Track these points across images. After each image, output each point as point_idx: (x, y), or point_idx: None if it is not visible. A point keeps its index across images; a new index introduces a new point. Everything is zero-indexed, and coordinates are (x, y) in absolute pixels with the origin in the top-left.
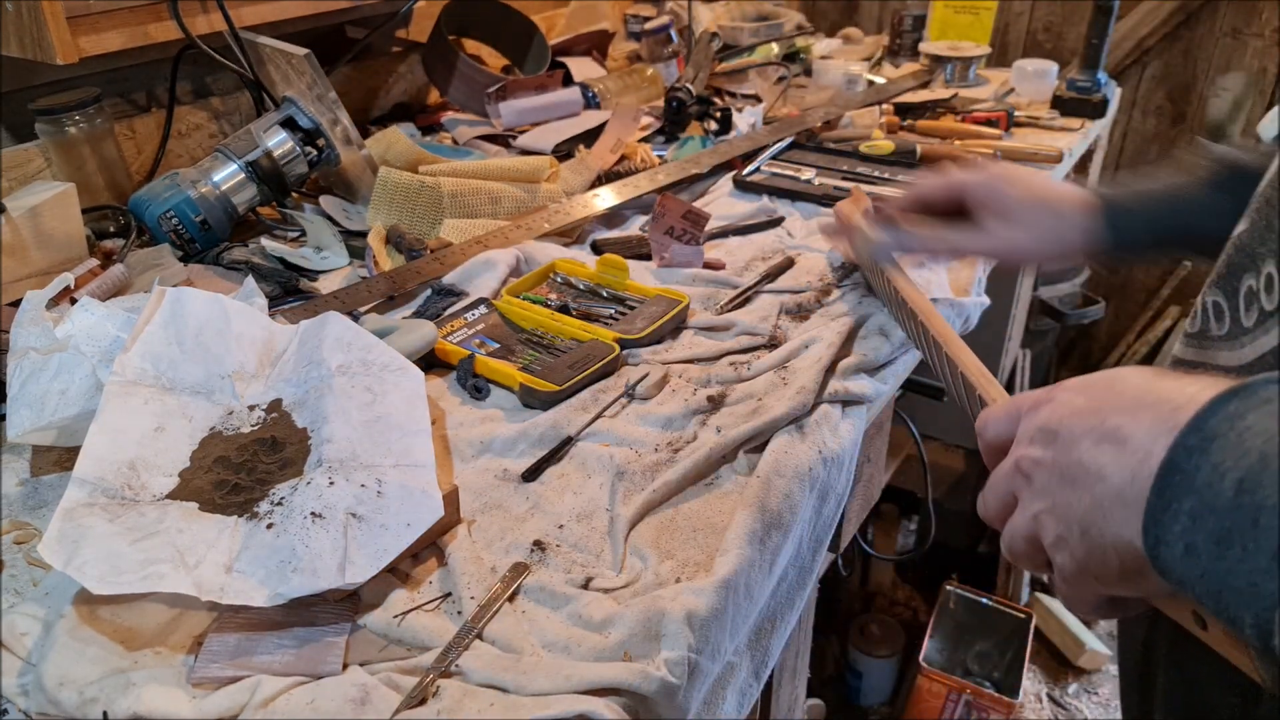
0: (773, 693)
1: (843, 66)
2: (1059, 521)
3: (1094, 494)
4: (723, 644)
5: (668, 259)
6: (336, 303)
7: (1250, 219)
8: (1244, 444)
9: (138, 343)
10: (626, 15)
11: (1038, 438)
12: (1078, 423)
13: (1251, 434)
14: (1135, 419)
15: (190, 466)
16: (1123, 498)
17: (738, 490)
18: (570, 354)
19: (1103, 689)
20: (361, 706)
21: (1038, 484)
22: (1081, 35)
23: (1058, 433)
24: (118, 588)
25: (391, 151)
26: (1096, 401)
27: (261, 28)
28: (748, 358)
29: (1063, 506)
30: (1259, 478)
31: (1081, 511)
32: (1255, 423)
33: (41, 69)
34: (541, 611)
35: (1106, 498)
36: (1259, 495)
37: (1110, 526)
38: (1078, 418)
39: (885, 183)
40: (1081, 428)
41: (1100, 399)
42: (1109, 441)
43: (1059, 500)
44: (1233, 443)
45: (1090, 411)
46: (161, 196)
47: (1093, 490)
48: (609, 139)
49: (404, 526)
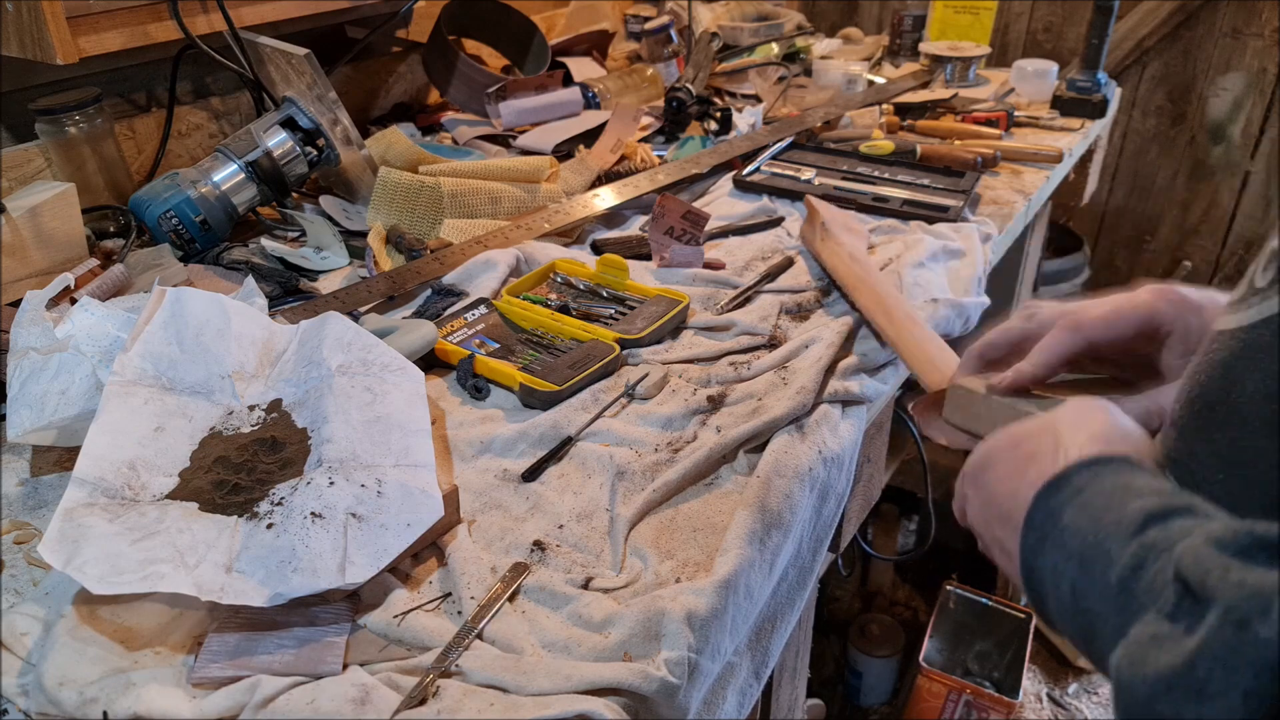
0: (773, 693)
1: (843, 66)
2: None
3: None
4: (723, 644)
5: (668, 259)
6: (336, 303)
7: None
8: (1067, 546)
9: (138, 343)
10: (626, 15)
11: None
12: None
13: (1070, 534)
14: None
15: (190, 466)
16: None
17: (738, 490)
18: (570, 354)
19: (1103, 689)
20: (361, 706)
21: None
22: (1081, 35)
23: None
24: (118, 588)
25: (391, 151)
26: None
27: (261, 28)
28: (748, 358)
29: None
30: (1084, 585)
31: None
32: (1071, 520)
33: (41, 69)
34: (541, 611)
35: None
36: (1088, 602)
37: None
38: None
39: (885, 183)
40: (986, 536)
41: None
42: (1000, 552)
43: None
44: (1059, 544)
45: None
46: (161, 196)
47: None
48: (609, 139)
49: (404, 526)
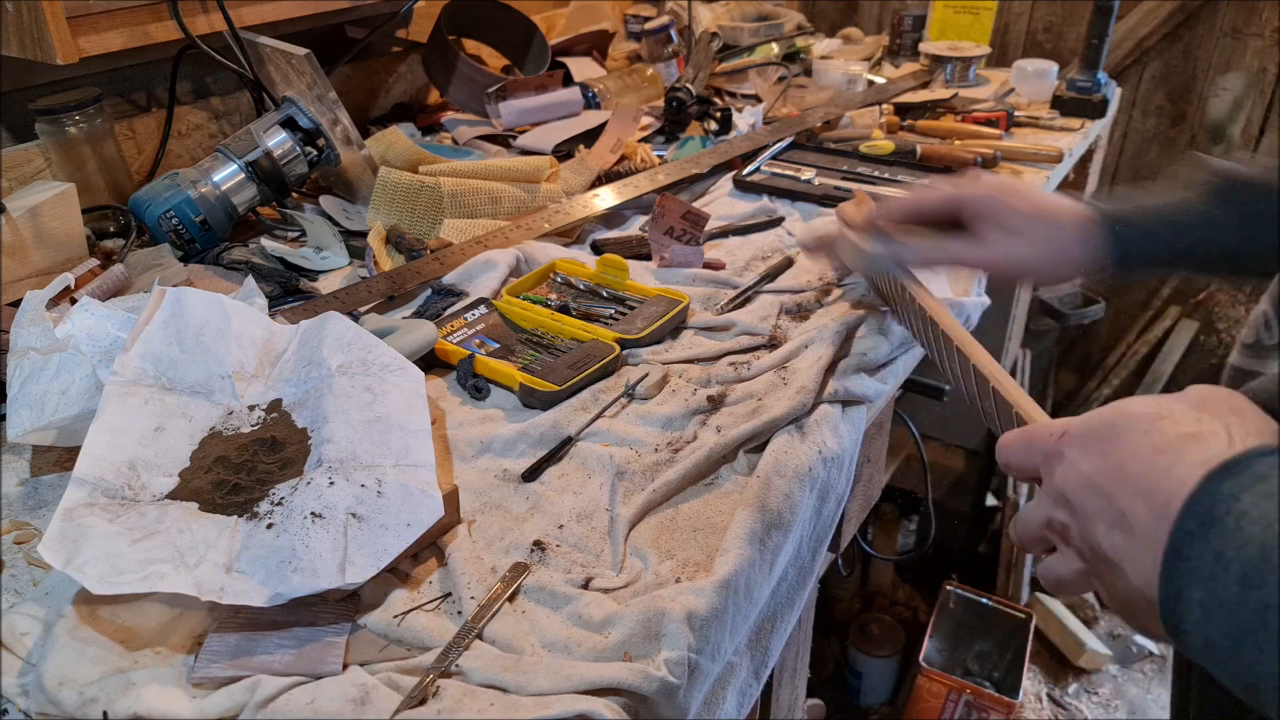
0: (773, 693)
1: (843, 66)
2: (1107, 593)
3: (1120, 586)
4: (723, 644)
5: (668, 259)
6: (336, 303)
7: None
8: (1242, 532)
9: (138, 343)
10: (626, 15)
11: (1059, 502)
12: (1088, 499)
13: (1249, 520)
14: (1134, 505)
15: (190, 466)
16: (1142, 595)
17: (738, 490)
18: (570, 354)
19: (1103, 689)
20: (361, 706)
21: (1074, 546)
22: (1081, 35)
23: (1073, 505)
24: (118, 588)
25: (391, 151)
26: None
27: (261, 28)
28: (748, 358)
29: (1106, 583)
30: (1261, 573)
31: (1118, 596)
32: (1251, 506)
33: (41, 69)
34: (541, 611)
35: (1129, 593)
36: (1264, 592)
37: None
38: (1087, 492)
39: (885, 183)
40: (1093, 508)
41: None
42: (1118, 528)
43: (1099, 574)
44: (1231, 530)
45: (1096, 489)
46: (162, 196)
47: (1118, 581)
48: (609, 139)
49: (404, 526)
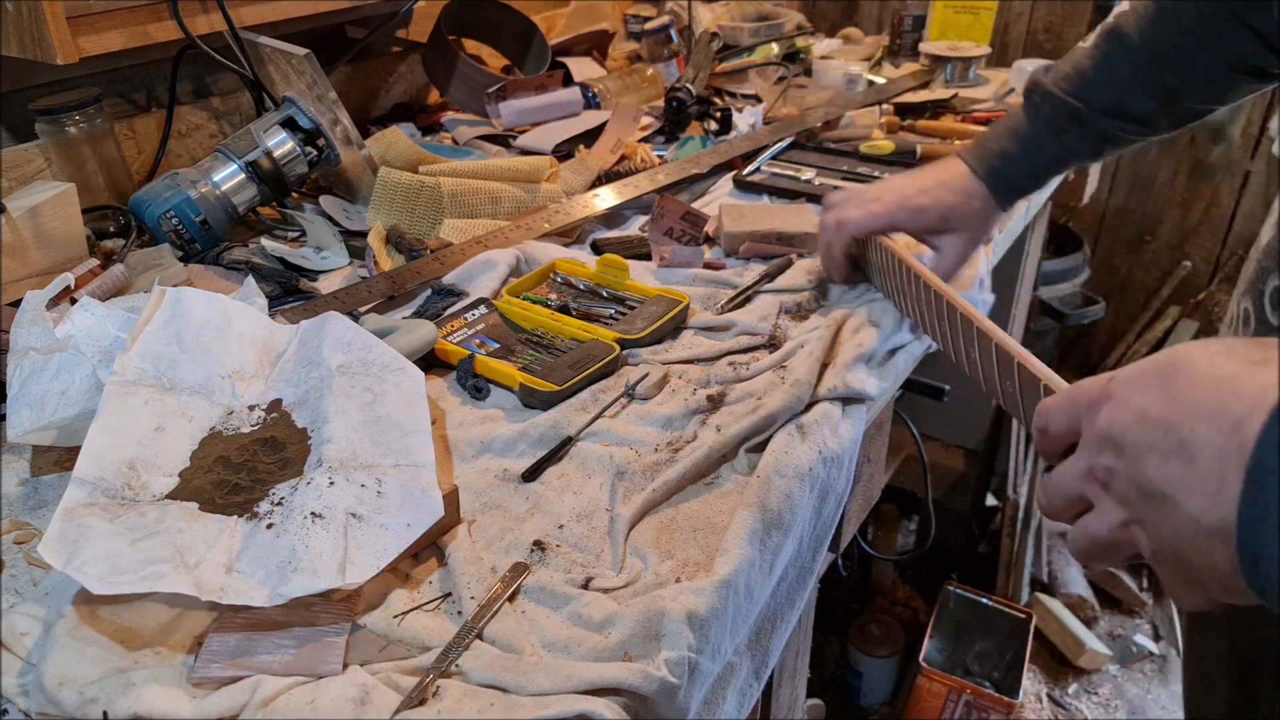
0: (773, 693)
1: (843, 66)
2: (1152, 539)
3: (1175, 520)
4: (723, 644)
5: (667, 259)
6: (336, 303)
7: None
8: None
9: (138, 343)
10: (626, 15)
11: (1105, 445)
12: (1141, 433)
13: None
14: (1198, 430)
15: (190, 466)
16: (1202, 525)
17: (738, 490)
18: (570, 354)
19: (1103, 689)
20: (361, 706)
21: (1117, 493)
22: (1081, 35)
23: (1122, 443)
24: (118, 588)
25: (391, 151)
26: (1157, 407)
27: (261, 28)
28: (747, 358)
29: (1152, 525)
30: None
31: (1170, 534)
32: None
33: (41, 69)
34: (541, 611)
35: (1187, 526)
36: None
37: (1198, 556)
38: (1140, 426)
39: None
40: (1146, 441)
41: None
42: (1176, 457)
43: (1145, 516)
44: None
45: (1151, 422)
46: (162, 196)
47: (1173, 515)
48: (609, 139)
49: (404, 526)
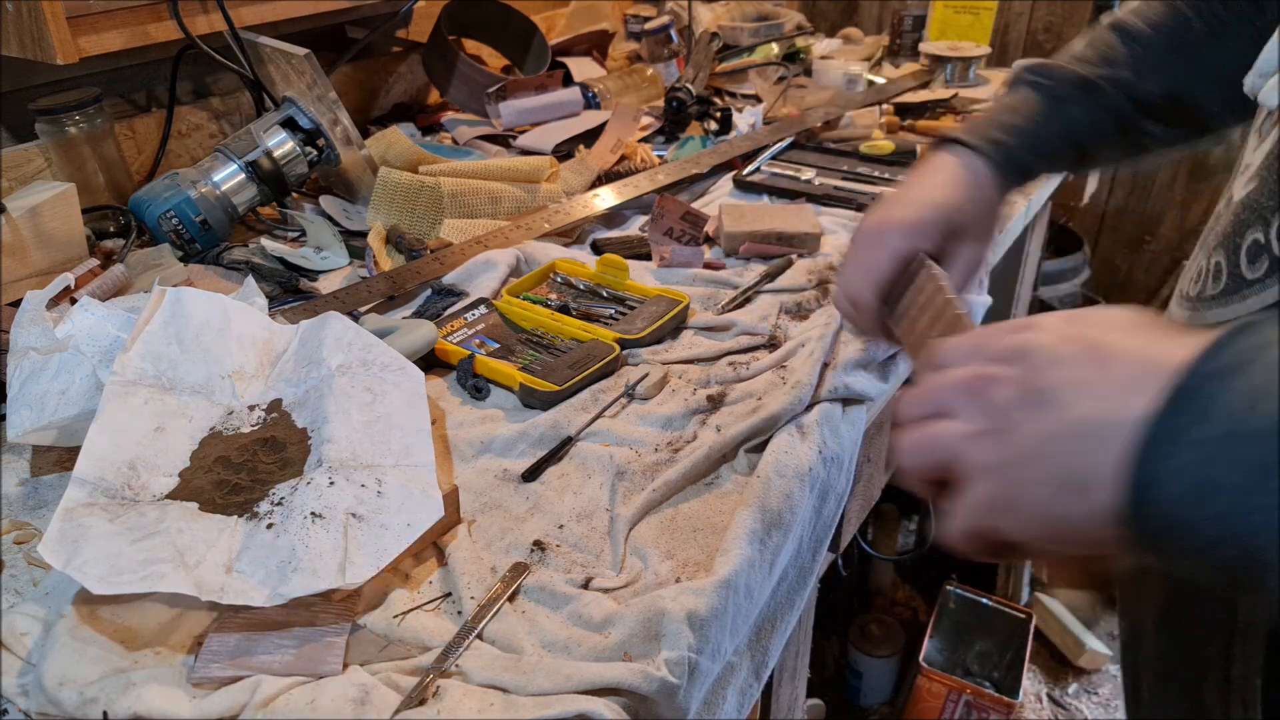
0: (773, 693)
1: (843, 66)
2: (1001, 447)
3: (1060, 419)
4: (723, 644)
5: (667, 259)
6: (336, 303)
7: (1260, 178)
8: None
9: (138, 343)
10: (626, 15)
11: (1005, 356)
12: (1061, 345)
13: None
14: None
15: (190, 466)
16: (1098, 427)
17: (738, 490)
18: (570, 354)
19: (1103, 689)
20: (361, 706)
21: (988, 402)
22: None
23: (1030, 353)
24: (118, 588)
25: (391, 151)
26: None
27: (261, 28)
28: (747, 358)
29: (1013, 431)
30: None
31: (1036, 438)
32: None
33: (41, 69)
34: (541, 611)
35: (1074, 424)
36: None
37: (1072, 459)
38: (1062, 341)
39: (885, 183)
40: (1059, 353)
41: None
42: (1087, 361)
43: (1010, 423)
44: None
45: (1076, 337)
46: (162, 196)
47: (1060, 415)
48: (609, 139)
49: (404, 526)
